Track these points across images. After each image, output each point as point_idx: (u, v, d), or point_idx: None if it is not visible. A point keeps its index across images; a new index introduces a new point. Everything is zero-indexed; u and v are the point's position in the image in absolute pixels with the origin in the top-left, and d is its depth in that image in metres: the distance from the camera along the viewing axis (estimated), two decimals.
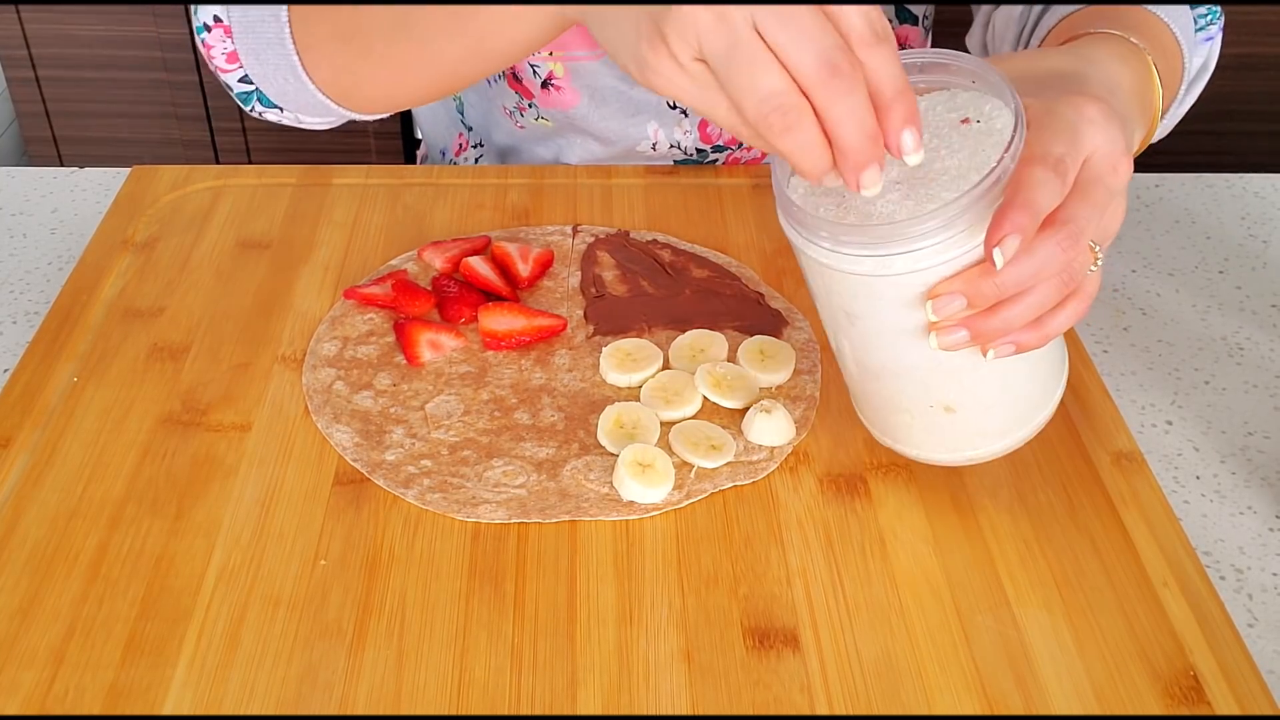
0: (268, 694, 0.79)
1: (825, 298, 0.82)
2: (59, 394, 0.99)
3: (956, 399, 0.83)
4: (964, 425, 0.85)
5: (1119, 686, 0.79)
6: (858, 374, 0.87)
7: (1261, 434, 1.01)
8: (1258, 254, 1.22)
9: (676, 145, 1.30)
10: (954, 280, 0.75)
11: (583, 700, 0.78)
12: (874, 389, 0.87)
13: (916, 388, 0.83)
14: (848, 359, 0.86)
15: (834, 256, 0.77)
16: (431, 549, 0.88)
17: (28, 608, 0.83)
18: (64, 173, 1.32)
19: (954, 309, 0.75)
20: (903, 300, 0.77)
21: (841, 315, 0.81)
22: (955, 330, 0.77)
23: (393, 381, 1.01)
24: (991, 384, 0.83)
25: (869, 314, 0.80)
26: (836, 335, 0.85)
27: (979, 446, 0.87)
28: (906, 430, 0.88)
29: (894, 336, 0.80)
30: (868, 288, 0.78)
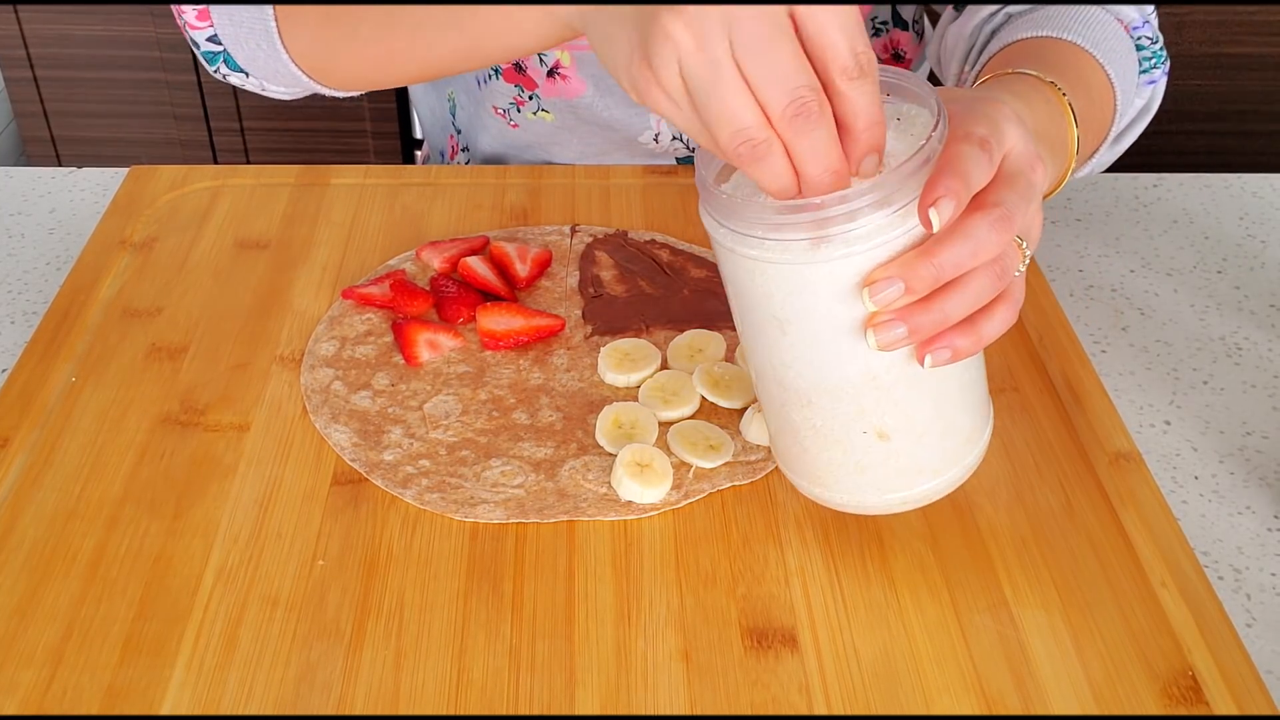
0: (266, 694, 0.79)
1: (755, 308, 0.79)
2: (57, 394, 0.99)
3: (891, 423, 0.80)
4: (897, 458, 0.82)
5: (1117, 686, 0.79)
6: (787, 405, 0.82)
7: (1260, 434, 1.01)
8: (1256, 254, 1.22)
9: (678, 137, 1.30)
10: (890, 265, 0.74)
11: (581, 700, 0.78)
12: (803, 420, 0.82)
13: (850, 409, 0.80)
14: (778, 388, 0.82)
15: (766, 247, 0.75)
16: (429, 549, 0.88)
17: (26, 608, 0.83)
18: (62, 173, 1.32)
19: (891, 295, 0.74)
20: (837, 293, 0.75)
21: (773, 326, 0.78)
22: (893, 325, 0.75)
23: (391, 381, 1.01)
24: (925, 407, 0.80)
25: (802, 315, 0.77)
26: (768, 359, 0.81)
27: (912, 486, 0.83)
28: (837, 470, 0.83)
29: (830, 340, 0.77)
30: (801, 281, 0.75)
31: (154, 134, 3.04)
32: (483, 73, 1.30)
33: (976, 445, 0.85)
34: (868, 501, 0.85)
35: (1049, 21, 1.03)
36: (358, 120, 2.96)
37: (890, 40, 1.35)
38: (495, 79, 1.30)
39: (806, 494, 0.88)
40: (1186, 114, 2.88)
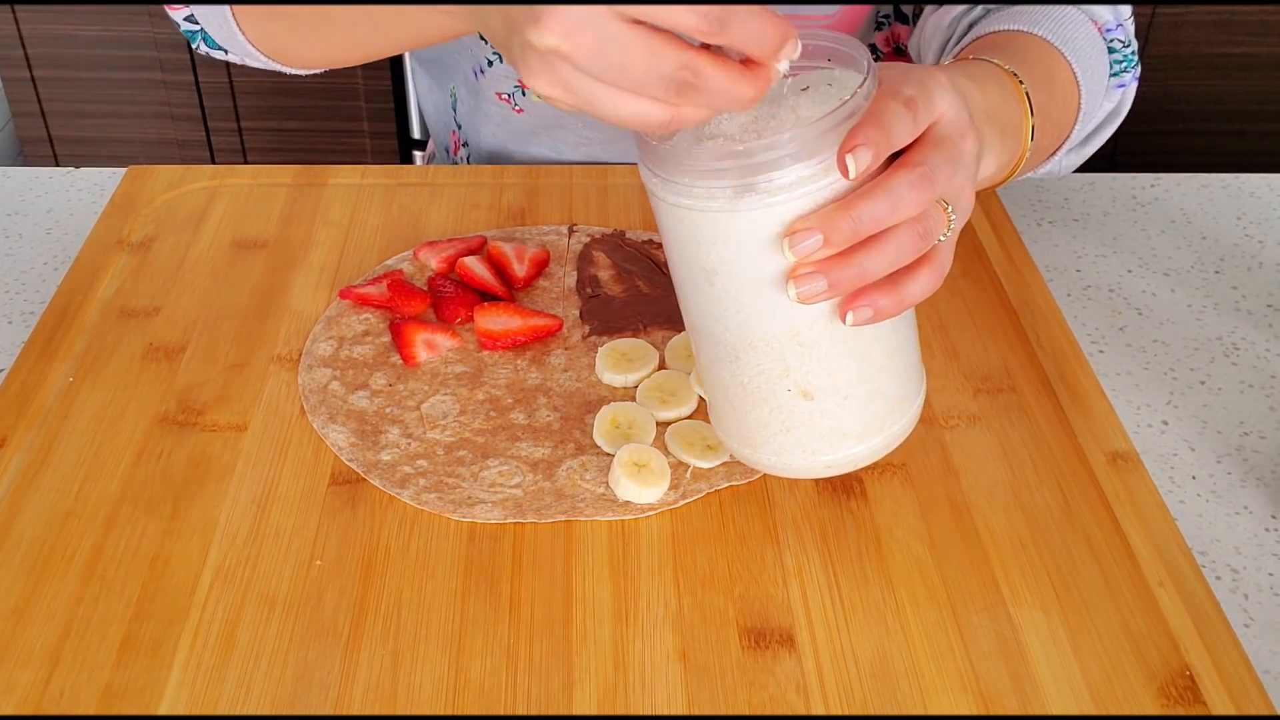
0: (263, 694, 0.79)
1: (685, 260, 0.79)
2: (54, 394, 0.99)
3: (815, 382, 0.80)
4: (821, 419, 0.82)
5: (1115, 686, 0.79)
6: (717, 361, 0.83)
7: (1257, 434, 1.01)
8: (1253, 254, 1.22)
9: None
10: (810, 216, 0.74)
11: (578, 700, 0.78)
12: (731, 377, 0.82)
13: (775, 366, 0.80)
14: (708, 343, 0.82)
15: (693, 195, 0.75)
16: (427, 549, 0.88)
17: (23, 608, 0.83)
18: (60, 173, 1.32)
19: (810, 246, 0.74)
20: (759, 243, 0.75)
21: (701, 277, 0.78)
22: (813, 278, 0.75)
23: (388, 381, 1.01)
24: (849, 368, 0.80)
25: (727, 266, 0.77)
26: (697, 313, 0.81)
27: (837, 449, 0.83)
28: (764, 430, 0.83)
29: (754, 293, 0.77)
30: (726, 230, 0.75)
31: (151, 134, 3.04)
32: (481, 61, 1.30)
33: (905, 414, 0.85)
34: (794, 464, 0.84)
35: (1022, 16, 1.05)
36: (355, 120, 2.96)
37: (892, 34, 1.35)
38: (499, 63, 1.29)
39: (737, 456, 0.88)
40: (1184, 114, 2.88)
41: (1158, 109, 2.86)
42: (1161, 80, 2.82)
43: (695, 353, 0.86)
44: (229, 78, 2.92)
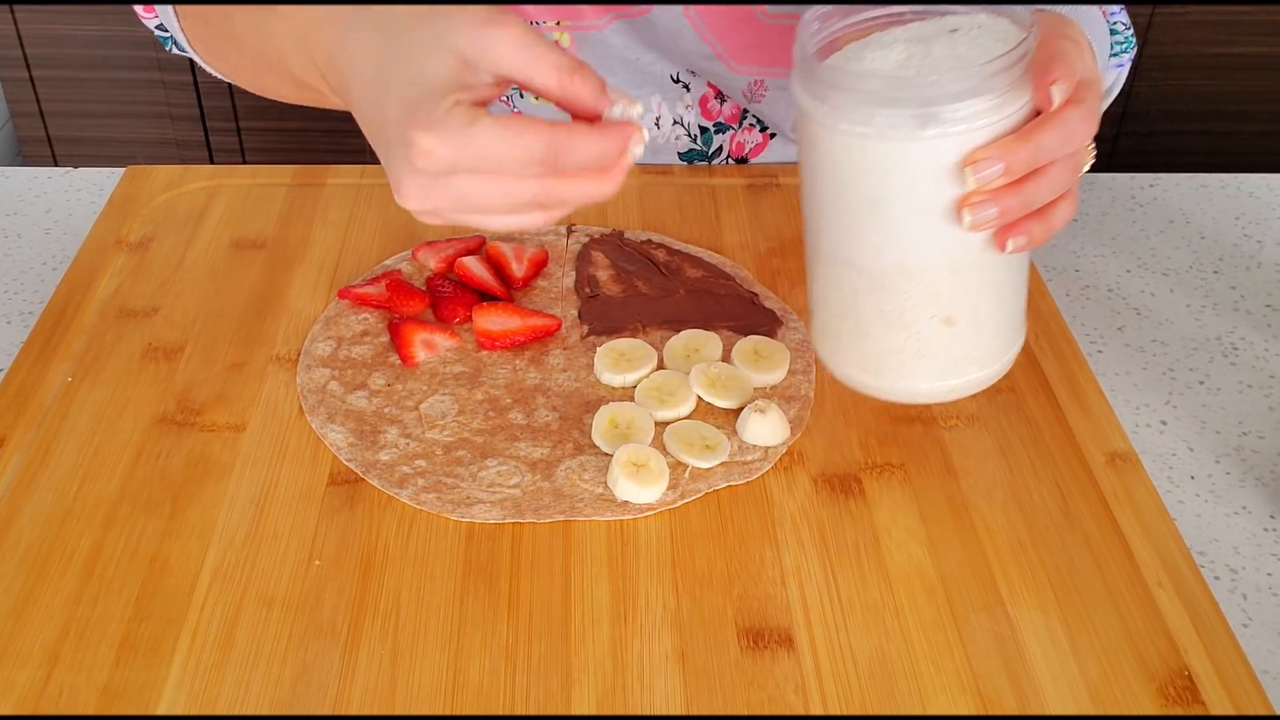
0: (262, 694, 0.79)
1: (847, 188, 0.81)
2: (53, 394, 0.99)
3: (958, 309, 0.83)
4: (955, 345, 0.85)
5: (1113, 687, 0.79)
6: (858, 290, 0.85)
7: (1256, 434, 1.01)
8: (1252, 254, 1.22)
9: (679, 121, 1.30)
10: (991, 146, 0.77)
11: (577, 700, 0.78)
12: (871, 305, 0.84)
13: (923, 293, 0.83)
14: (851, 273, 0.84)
15: (873, 123, 0.77)
16: (426, 549, 0.88)
17: (22, 608, 0.83)
18: (58, 173, 1.32)
19: (991, 174, 0.77)
20: (936, 172, 0.78)
21: (864, 206, 0.81)
22: (986, 205, 0.78)
23: (387, 381, 1.01)
24: (989, 295, 0.84)
25: (896, 195, 0.80)
26: (848, 242, 0.84)
27: (963, 374, 0.87)
28: (896, 356, 0.86)
29: (920, 221, 0.80)
30: (903, 159, 0.78)
31: (150, 134, 3.04)
32: None
33: (1015, 344, 0.89)
34: (918, 388, 0.87)
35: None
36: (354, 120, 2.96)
37: None
38: None
39: (853, 384, 0.90)
40: (1183, 114, 2.88)
41: (1156, 109, 2.86)
42: (1161, 80, 2.82)
43: (822, 283, 0.88)
44: None
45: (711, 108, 1.30)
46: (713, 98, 1.29)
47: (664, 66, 1.26)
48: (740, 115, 1.31)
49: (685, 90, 1.29)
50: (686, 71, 1.27)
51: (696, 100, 1.29)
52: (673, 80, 1.28)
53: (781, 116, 1.30)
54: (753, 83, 1.25)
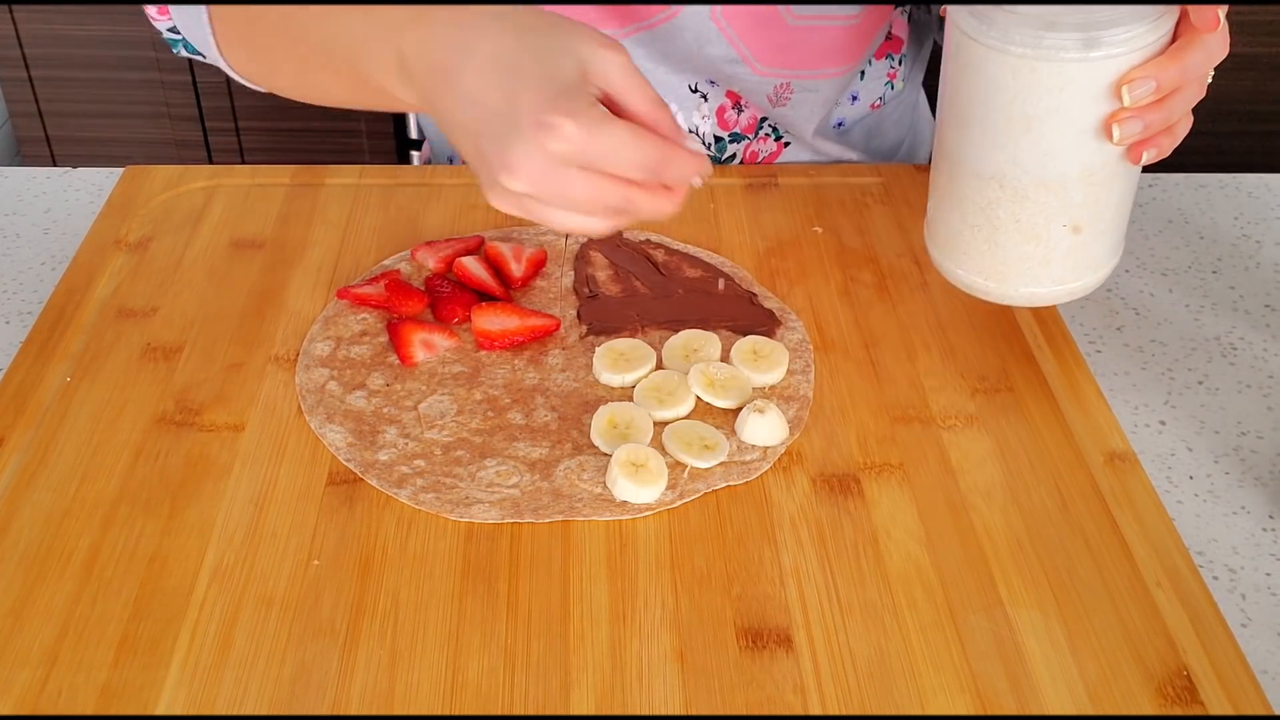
0: (261, 694, 0.79)
1: (1005, 106, 0.89)
2: (52, 394, 0.99)
3: (1086, 217, 0.93)
4: (1079, 251, 0.95)
5: (1112, 687, 0.79)
6: (997, 203, 0.94)
7: (1255, 434, 1.01)
8: (1251, 254, 1.22)
9: (694, 130, 1.30)
10: (1147, 66, 0.86)
11: (576, 700, 0.78)
12: (1008, 216, 0.94)
13: (1058, 203, 0.92)
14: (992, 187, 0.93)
15: (1041, 45, 0.86)
16: (424, 549, 0.88)
17: (21, 608, 0.83)
18: (57, 173, 1.32)
19: (1145, 92, 0.87)
20: (1093, 90, 0.87)
21: (1018, 124, 0.90)
22: (1134, 121, 0.88)
23: (386, 381, 1.01)
24: (1113, 204, 0.94)
25: (1052, 112, 0.88)
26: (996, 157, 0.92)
27: (1080, 278, 0.97)
28: (1024, 263, 0.95)
29: (1071, 136, 0.89)
30: (1065, 78, 0.87)
31: (149, 134, 3.04)
32: None
33: (1119, 253, 1.00)
34: (1040, 292, 0.98)
35: None
36: (353, 120, 2.96)
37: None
38: None
39: (976, 290, 0.99)
40: None
41: None
42: None
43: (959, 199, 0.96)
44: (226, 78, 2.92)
45: (728, 118, 1.30)
46: (730, 108, 1.29)
47: (680, 79, 1.26)
48: (757, 125, 1.31)
49: (703, 100, 1.29)
50: (706, 81, 1.27)
51: (713, 110, 1.29)
52: (690, 90, 1.28)
53: (805, 119, 1.30)
54: (779, 85, 1.25)
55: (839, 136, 1.37)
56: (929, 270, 1.13)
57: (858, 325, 1.07)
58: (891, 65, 1.35)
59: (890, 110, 1.40)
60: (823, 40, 1.23)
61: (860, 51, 1.27)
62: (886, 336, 1.06)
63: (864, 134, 1.39)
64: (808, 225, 1.19)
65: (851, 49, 1.25)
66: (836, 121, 1.35)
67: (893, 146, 1.44)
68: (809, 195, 1.23)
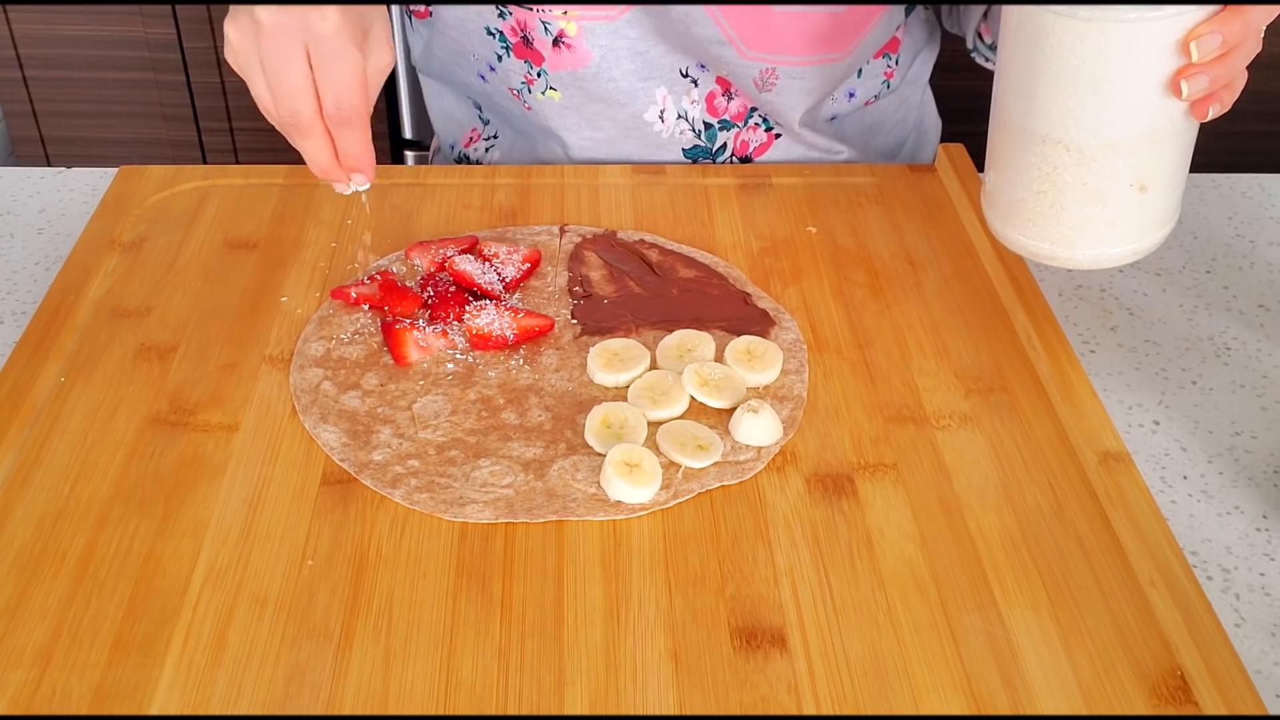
0: (255, 694, 0.79)
1: (1074, 71, 0.91)
2: (46, 393, 0.99)
3: (1153, 175, 0.94)
4: (1145, 210, 0.96)
5: (1106, 687, 0.80)
6: (1064, 167, 0.95)
7: (1249, 434, 1.01)
8: (1245, 254, 1.22)
9: (683, 116, 1.30)
10: (1213, 21, 0.88)
11: (570, 700, 0.78)
12: (1075, 180, 0.95)
13: (1125, 163, 0.93)
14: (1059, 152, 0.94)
15: (1110, 9, 0.88)
16: (419, 549, 0.88)
17: (15, 608, 0.83)
18: (51, 173, 1.32)
19: (1212, 46, 0.88)
20: (1162, 48, 0.89)
21: (1087, 87, 0.91)
22: (1201, 76, 0.89)
23: (380, 381, 1.01)
24: (1177, 161, 0.96)
25: (1124, 72, 0.90)
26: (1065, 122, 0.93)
27: (1144, 237, 0.98)
28: (1090, 225, 0.96)
29: (1138, 96, 0.91)
30: (1133, 38, 0.89)
31: (143, 134, 3.03)
32: (495, 52, 1.30)
33: (1179, 209, 1.01)
34: (1106, 254, 0.98)
35: None
36: None
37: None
38: (507, 56, 1.29)
39: (1041, 256, 1.00)
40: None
41: None
42: None
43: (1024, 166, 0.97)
44: (221, 78, 2.92)
45: (718, 105, 1.30)
46: (720, 95, 1.29)
47: (673, 60, 1.26)
48: (746, 113, 1.31)
49: (693, 85, 1.29)
50: (696, 66, 1.27)
51: (703, 97, 1.29)
52: (681, 75, 1.28)
53: (791, 108, 1.30)
54: (764, 70, 1.25)
55: (830, 129, 1.37)
56: (923, 270, 1.13)
57: (852, 325, 1.07)
58: (888, 65, 1.35)
59: (890, 109, 1.40)
60: (807, 27, 1.23)
61: (846, 43, 1.26)
62: (880, 336, 1.06)
63: (860, 131, 1.39)
64: (802, 225, 1.19)
65: (836, 38, 1.25)
66: (830, 116, 1.35)
67: (894, 146, 1.44)
68: (803, 195, 1.23)
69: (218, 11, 2.82)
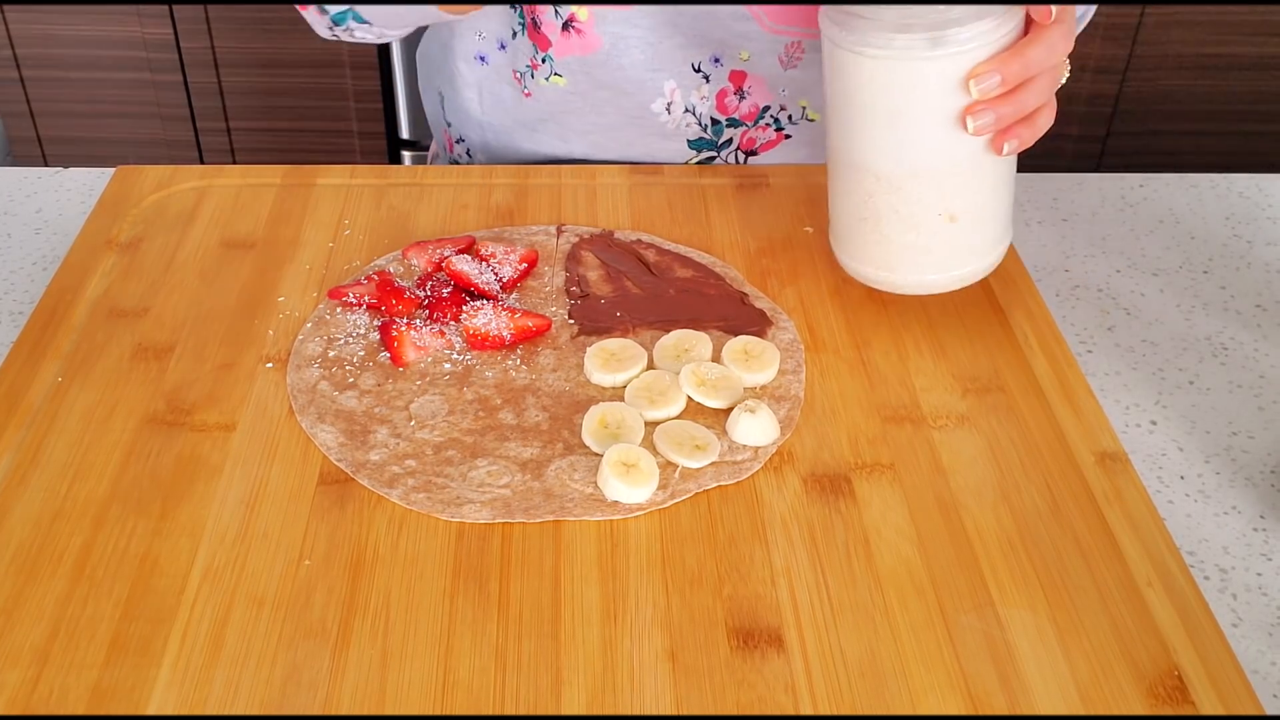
0: (252, 694, 0.79)
1: (870, 105, 0.97)
2: (43, 394, 0.99)
3: (961, 205, 1.00)
4: (959, 238, 1.02)
5: (1103, 687, 0.80)
6: (876, 194, 1.01)
7: (1246, 434, 1.01)
8: (1242, 254, 1.22)
9: (691, 110, 1.30)
10: (991, 61, 0.94)
11: (567, 700, 0.78)
12: (888, 207, 1.01)
13: (932, 193, 0.99)
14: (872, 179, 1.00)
15: (893, 46, 0.94)
16: (416, 549, 0.88)
17: (12, 608, 0.83)
18: (48, 173, 1.32)
19: (991, 85, 0.94)
20: (945, 85, 0.95)
21: (884, 119, 0.97)
22: (986, 113, 0.95)
23: (377, 381, 1.01)
24: (986, 193, 1.01)
25: (914, 107, 0.96)
26: (870, 152, 1.00)
27: (965, 264, 1.04)
28: (908, 252, 1.03)
29: (930, 129, 0.97)
30: (918, 75, 0.95)
31: (140, 134, 3.03)
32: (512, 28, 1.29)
33: (1006, 239, 1.07)
34: (927, 279, 1.05)
35: None
36: (344, 120, 2.96)
37: None
38: (521, 35, 1.29)
39: (871, 281, 1.07)
40: (1173, 114, 2.88)
41: (1146, 109, 2.86)
42: (1150, 80, 2.83)
43: (846, 192, 1.04)
44: (218, 78, 2.92)
45: (729, 103, 1.30)
46: (731, 93, 1.29)
47: (685, 53, 1.26)
48: (758, 114, 1.31)
49: (704, 81, 1.28)
50: (710, 60, 1.27)
51: (714, 93, 1.29)
52: (693, 69, 1.27)
53: (818, 83, 1.30)
54: (789, 45, 1.25)
55: None
56: None
57: (849, 325, 1.07)
58: None
59: None
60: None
61: None
62: (877, 336, 1.06)
63: None
64: (799, 225, 1.19)
65: None
66: None
67: None
68: (800, 195, 1.23)
69: (215, 12, 2.82)
